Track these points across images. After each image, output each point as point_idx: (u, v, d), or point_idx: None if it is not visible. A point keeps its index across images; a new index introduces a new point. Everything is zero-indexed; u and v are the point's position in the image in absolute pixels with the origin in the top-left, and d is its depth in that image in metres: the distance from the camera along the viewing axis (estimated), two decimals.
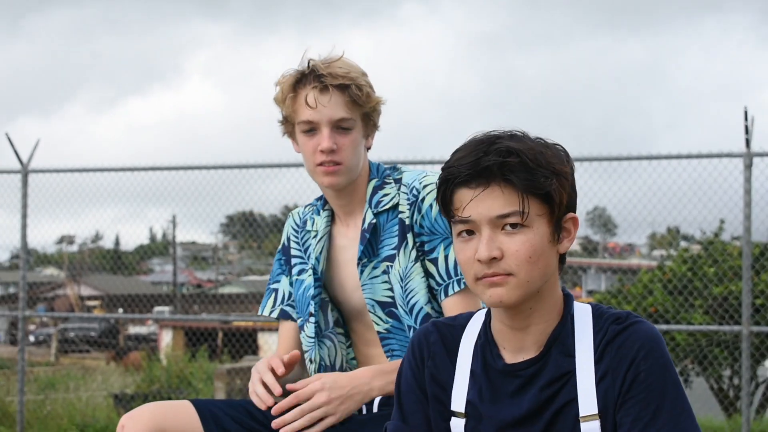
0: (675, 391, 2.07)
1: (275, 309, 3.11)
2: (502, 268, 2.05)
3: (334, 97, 2.88)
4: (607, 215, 29.80)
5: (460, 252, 2.10)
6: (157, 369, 14.28)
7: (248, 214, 13.64)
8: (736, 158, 8.76)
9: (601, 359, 2.09)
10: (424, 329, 2.30)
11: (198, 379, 13.43)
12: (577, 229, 2.16)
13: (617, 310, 2.16)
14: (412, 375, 2.27)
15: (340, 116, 2.88)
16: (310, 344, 3.00)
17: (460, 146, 2.12)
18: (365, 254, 2.95)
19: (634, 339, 2.08)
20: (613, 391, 2.07)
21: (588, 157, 9.20)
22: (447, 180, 2.09)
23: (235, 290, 31.11)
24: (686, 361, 11.80)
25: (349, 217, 3.02)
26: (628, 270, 17.62)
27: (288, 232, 3.14)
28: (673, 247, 12.98)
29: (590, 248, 24.23)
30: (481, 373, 2.18)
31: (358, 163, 2.94)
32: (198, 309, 29.26)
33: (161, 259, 46.62)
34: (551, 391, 2.11)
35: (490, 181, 2.04)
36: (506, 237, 2.04)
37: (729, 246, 11.30)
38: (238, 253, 40.17)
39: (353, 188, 2.97)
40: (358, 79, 2.91)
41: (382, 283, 2.93)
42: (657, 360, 2.07)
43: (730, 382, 11.81)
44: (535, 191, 2.04)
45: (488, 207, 2.04)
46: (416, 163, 9.24)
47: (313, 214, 3.09)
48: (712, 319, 10.78)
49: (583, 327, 2.14)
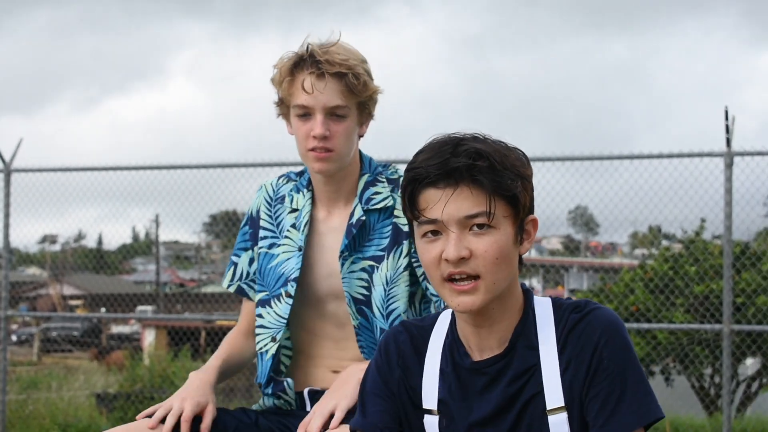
0: (637, 375, 2.09)
1: (233, 284, 3.13)
2: (471, 268, 2.06)
3: (330, 84, 2.87)
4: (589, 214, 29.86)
5: (426, 253, 2.10)
6: (140, 368, 14.24)
7: (231, 213, 13.64)
8: (716, 157, 8.80)
9: (564, 349, 2.12)
10: (394, 330, 2.31)
11: (181, 379, 13.39)
12: (536, 231, 2.19)
13: (576, 299, 2.18)
14: (380, 377, 2.27)
15: (334, 104, 2.88)
16: (279, 323, 2.97)
17: (424, 147, 2.12)
18: (348, 248, 2.94)
19: (595, 326, 2.10)
20: (578, 380, 2.09)
21: (569, 157, 9.22)
22: (414, 180, 2.09)
23: (218, 289, 31.03)
24: (668, 359, 11.84)
25: (333, 205, 3.02)
26: (610, 269, 17.65)
27: (258, 204, 3.12)
28: (654, 246, 13.01)
29: (572, 247, 24.28)
30: (451, 371, 2.20)
31: (349, 152, 2.94)
32: (181, 308, 29.16)
33: (144, 258, 46.53)
34: (518, 385, 2.13)
35: (458, 182, 2.05)
36: (474, 237, 2.06)
37: (710, 245, 11.34)
38: (221, 252, 40.11)
39: (342, 177, 2.98)
40: (356, 68, 2.90)
41: (358, 279, 2.93)
42: (618, 345, 2.09)
43: (711, 380, 11.85)
44: (502, 193, 2.06)
45: (457, 207, 2.05)
46: (397, 162, 9.24)
47: (293, 191, 3.07)
48: (693, 317, 10.82)
49: (544, 319, 2.16)
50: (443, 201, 2.05)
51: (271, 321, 3.00)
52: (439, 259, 2.07)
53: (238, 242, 3.15)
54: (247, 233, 3.13)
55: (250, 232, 3.12)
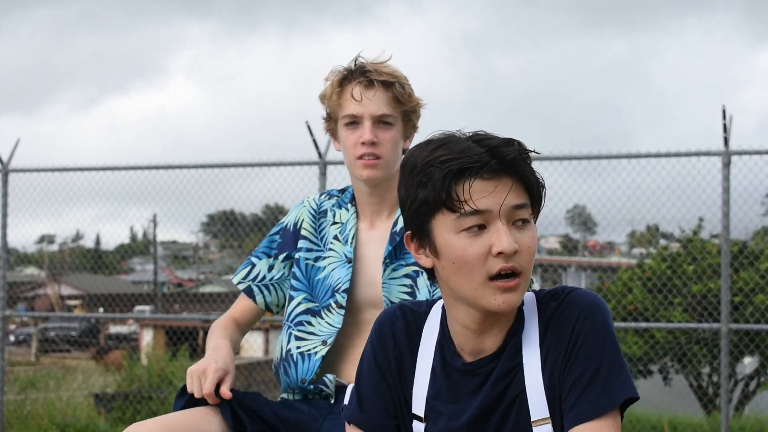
0: (612, 354, 2.02)
1: (244, 282, 3.16)
2: (518, 264, 1.99)
3: (378, 92, 2.99)
4: (587, 213, 29.92)
5: (469, 248, 1.99)
6: (137, 368, 14.23)
7: (229, 213, 13.62)
8: (714, 156, 8.80)
9: (545, 340, 2.06)
10: (391, 313, 2.23)
11: (179, 378, 13.39)
12: None
13: (554, 287, 2.14)
14: (375, 361, 2.21)
15: (383, 111, 2.99)
16: (331, 330, 3.01)
17: (436, 144, 2.04)
18: (390, 255, 2.99)
19: (572, 307, 2.05)
20: (557, 368, 2.04)
21: (568, 156, 9.23)
22: (460, 171, 1.98)
23: (216, 289, 31.07)
24: (666, 358, 11.85)
25: (375, 217, 3.09)
26: (608, 268, 17.66)
27: (301, 216, 3.16)
28: (652, 246, 13.03)
29: (570, 246, 24.28)
30: (441, 371, 2.14)
31: (396, 161, 3.02)
32: (179, 308, 29.19)
33: (142, 258, 46.52)
34: (502, 385, 2.08)
35: (506, 173, 1.99)
36: (518, 231, 2.00)
37: (708, 244, 11.34)
38: (218, 252, 40.15)
39: (387, 188, 3.04)
40: (402, 79, 3.02)
41: (400, 285, 2.98)
42: (593, 323, 2.03)
43: (709, 379, 11.86)
44: (538, 186, 2.03)
45: (507, 198, 1.98)
46: None
47: (335, 207, 3.14)
48: (692, 316, 10.83)
49: (529, 315, 2.11)
50: (497, 192, 1.98)
51: (321, 329, 3.04)
52: (486, 255, 1.98)
53: (262, 246, 3.20)
54: (276, 242, 3.17)
55: (280, 242, 3.16)
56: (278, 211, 13.83)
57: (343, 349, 3.05)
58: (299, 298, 3.09)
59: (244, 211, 13.02)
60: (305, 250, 3.11)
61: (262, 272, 3.15)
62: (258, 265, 3.17)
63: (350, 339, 3.05)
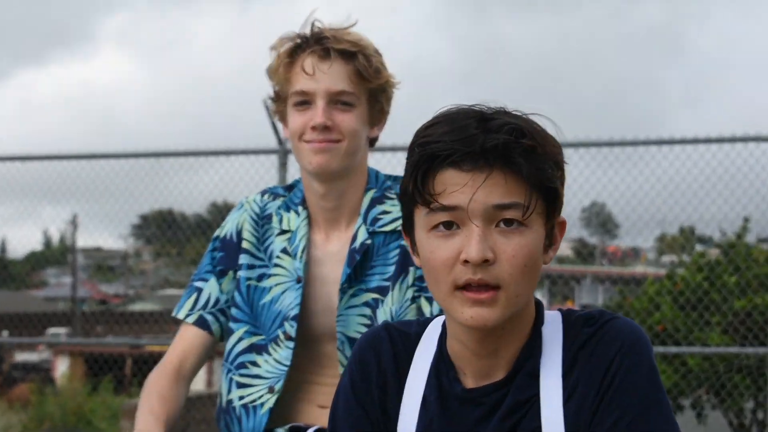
0: (659, 401, 2.04)
1: (193, 313, 3.08)
2: (492, 276, 1.98)
3: (336, 65, 2.91)
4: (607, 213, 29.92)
5: (436, 251, 2.01)
6: (49, 404, 14.19)
7: (166, 213, 13.60)
8: (764, 143, 8.86)
9: (571, 371, 2.07)
10: (374, 334, 2.24)
11: (100, 417, 13.38)
12: (563, 236, 2.14)
13: (590, 310, 2.14)
14: (354, 394, 2.21)
15: (340, 88, 2.91)
16: (279, 371, 2.99)
17: (437, 118, 2.04)
18: (349, 279, 2.95)
19: (610, 339, 2.06)
20: (585, 408, 2.04)
21: (585, 142, 9.26)
22: (432, 157, 1.99)
23: (149, 307, 31.00)
24: (700, 390, 11.90)
25: (331, 227, 3.04)
26: (631, 280, 17.72)
27: (239, 224, 3.11)
28: (686, 252, 13.08)
29: (585, 253, 24.31)
30: (435, 399, 2.14)
31: (356, 151, 2.95)
32: (102, 330, 29.09)
33: (58, 269, 46.23)
34: (513, 420, 2.08)
35: (492, 166, 1.97)
36: (501, 236, 1.98)
37: (754, 250, 11.40)
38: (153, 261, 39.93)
39: (343, 190, 2.99)
40: (368, 49, 2.94)
41: (359, 316, 2.95)
42: (637, 362, 2.04)
43: (753, 416, 11.93)
44: (543, 183, 2.01)
45: (486, 193, 1.97)
46: (377, 151, 9.28)
47: (281, 209, 3.08)
48: (733, 339, 10.89)
49: (552, 339, 2.11)
50: (470, 186, 1.97)
51: (269, 369, 3.00)
52: (454, 261, 1.99)
53: (203, 266, 3.14)
54: (218, 257, 3.11)
55: (222, 255, 3.11)
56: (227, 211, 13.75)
57: (299, 387, 3.04)
58: (240, 331, 3.05)
59: (185, 211, 13.00)
60: (246, 267, 3.06)
61: (213, 295, 3.09)
62: (205, 288, 3.10)
63: (306, 374, 3.04)
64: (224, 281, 3.09)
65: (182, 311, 3.09)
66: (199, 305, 3.08)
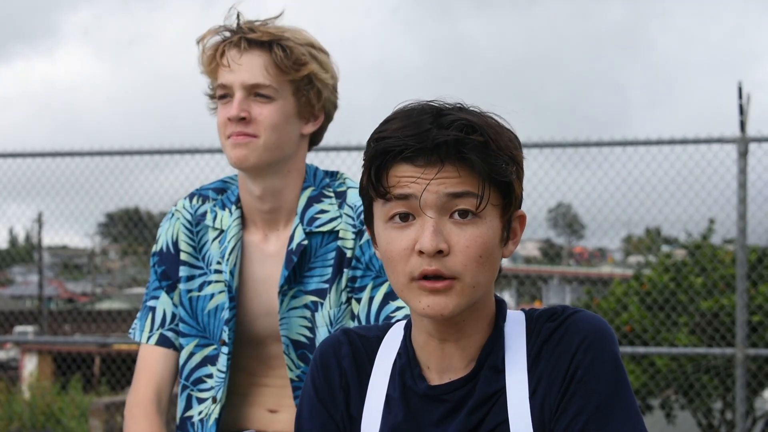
0: (621, 391, 2.05)
1: (153, 334, 3.04)
2: (447, 267, 2.01)
3: (251, 55, 2.86)
4: (573, 214, 30.04)
5: (392, 242, 2.04)
6: (17, 404, 14.11)
7: (132, 211, 13.55)
8: (728, 144, 8.87)
9: (536, 365, 2.09)
10: (334, 339, 2.25)
11: (69, 416, 13.31)
12: (523, 230, 2.16)
13: (553, 305, 2.16)
14: (318, 397, 2.23)
15: (255, 80, 2.86)
16: (219, 380, 2.95)
17: (394, 114, 2.07)
18: (288, 281, 2.92)
19: (573, 331, 2.08)
20: (549, 400, 2.06)
21: (550, 143, 9.26)
22: (385, 152, 2.02)
23: (116, 305, 30.94)
24: (668, 390, 11.92)
25: (270, 227, 2.99)
26: (598, 280, 17.77)
27: (174, 233, 3.06)
28: (652, 253, 13.10)
29: (552, 254, 24.38)
30: (399, 398, 2.16)
31: (280, 145, 2.89)
32: (70, 329, 29.02)
33: (24, 267, 46.16)
34: (480, 414, 2.10)
35: (443, 161, 2.00)
36: (455, 227, 2.01)
37: (720, 251, 11.42)
38: (119, 259, 39.90)
39: (280, 190, 2.94)
40: (288, 40, 2.87)
41: (300, 317, 2.92)
42: (599, 353, 2.06)
43: (721, 416, 11.95)
44: (496, 177, 2.02)
45: (438, 183, 1.99)
46: (342, 149, 9.24)
47: (217, 207, 3.03)
48: (700, 339, 10.90)
49: (515, 335, 2.13)
50: (423, 179, 2.00)
51: (213, 380, 2.98)
52: (410, 251, 2.02)
53: (150, 285, 3.08)
54: (160, 271, 3.06)
55: (165, 269, 3.05)
56: None
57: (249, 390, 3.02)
58: (191, 346, 3.01)
59: (152, 209, 12.97)
60: (185, 280, 3.01)
61: (168, 311, 3.04)
62: (158, 306, 3.05)
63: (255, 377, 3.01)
64: (174, 295, 3.05)
65: (143, 334, 3.05)
66: (157, 324, 3.04)
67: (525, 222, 2.15)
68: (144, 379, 3.01)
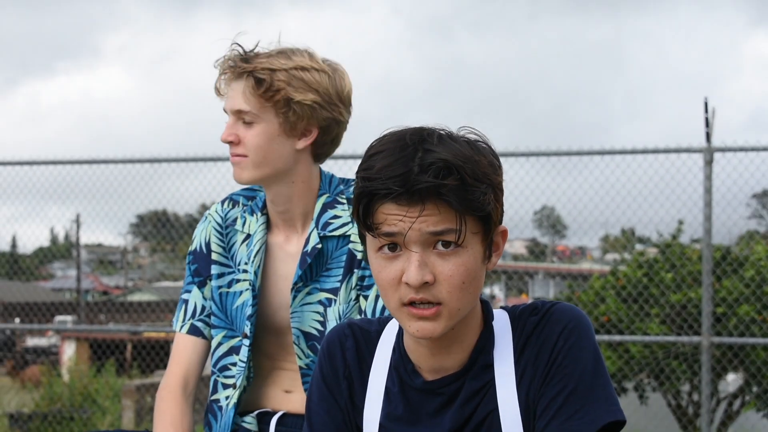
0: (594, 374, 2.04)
1: (185, 324, 3.06)
2: (433, 295, 1.99)
3: (235, 84, 2.91)
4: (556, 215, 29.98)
5: (382, 271, 2.02)
6: (58, 385, 14.10)
7: (161, 213, 13.53)
8: (695, 153, 8.86)
9: (522, 356, 2.08)
10: (340, 331, 2.24)
11: (104, 397, 13.31)
12: (505, 242, 2.13)
13: (533, 301, 2.15)
14: (325, 384, 2.22)
15: (238, 107, 2.90)
16: (240, 369, 2.98)
17: (379, 145, 2.03)
18: (302, 278, 2.93)
19: (554, 321, 2.07)
20: (534, 386, 2.06)
21: (536, 152, 9.25)
22: (371, 194, 1.99)
23: (146, 297, 30.92)
24: (641, 375, 11.90)
25: (290, 229, 3.01)
26: (579, 275, 17.74)
27: (207, 235, 3.08)
28: (627, 251, 13.09)
29: (537, 251, 24.36)
30: (398, 392, 2.15)
31: (272, 163, 2.91)
32: (104, 318, 29.02)
33: (63, 263, 46.11)
34: (472, 405, 2.09)
35: (424, 200, 1.96)
36: (439, 258, 1.99)
37: (688, 249, 11.41)
38: (149, 256, 39.91)
39: (289, 197, 2.96)
40: (263, 71, 2.87)
41: (314, 312, 2.93)
42: (576, 339, 2.05)
43: (689, 398, 11.93)
44: (473, 212, 1.98)
45: (421, 222, 1.96)
46: (348, 158, 9.24)
47: (246, 213, 3.05)
48: (670, 329, 10.89)
49: (502, 332, 2.12)
50: (407, 218, 1.96)
51: (236, 369, 3.01)
52: (398, 281, 2.00)
53: (185, 281, 3.12)
54: (193, 268, 3.09)
55: (197, 267, 3.08)
56: None
57: (270, 373, 3.04)
58: (219, 336, 3.03)
59: (178, 212, 12.95)
60: (216, 277, 3.04)
61: (199, 304, 3.06)
62: (190, 299, 3.07)
63: (276, 361, 3.03)
64: (205, 289, 3.07)
65: (177, 324, 3.09)
66: (188, 315, 3.07)
67: (507, 236, 2.12)
68: (174, 365, 3.03)
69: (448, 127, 2.07)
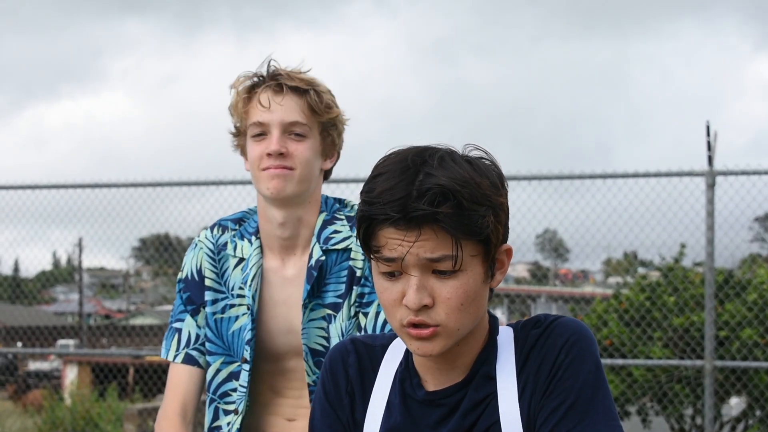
0: (595, 388, 2.04)
1: (179, 353, 3.03)
2: (431, 317, 2.00)
3: (288, 98, 2.89)
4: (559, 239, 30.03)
5: (384, 292, 2.04)
6: (60, 409, 14.09)
7: (163, 236, 13.53)
8: (697, 177, 8.86)
9: (524, 369, 2.09)
10: (342, 347, 2.25)
11: (106, 421, 13.28)
12: (510, 260, 2.13)
13: (536, 315, 2.15)
14: (328, 400, 2.23)
15: (293, 119, 2.88)
16: (240, 394, 2.96)
17: (382, 169, 2.04)
18: (309, 295, 2.92)
19: (557, 335, 2.07)
20: (535, 397, 2.05)
21: (538, 175, 9.25)
22: (371, 218, 2.01)
23: (148, 321, 30.93)
24: (644, 398, 11.87)
25: (287, 254, 2.99)
26: (581, 299, 17.73)
27: (198, 262, 3.05)
28: (629, 274, 13.07)
29: (540, 275, 24.37)
30: (399, 403, 2.15)
31: (310, 179, 2.92)
32: (107, 342, 29.00)
33: (66, 286, 46.15)
34: (473, 416, 2.09)
35: (421, 226, 1.97)
36: (438, 282, 2.00)
37: (690, 273, 11.40)
38: (151, 280, 39.93)
39: (300, 218, 2.95)
40: (319, 87, 2.92)
41: (318, 329, 2.92)
42: (579, 353, 2.05)
43: (692, 421, 11.90)
44: (471, 236, 1.99)
45: (418, 250, 1.97)
46: (351, 182, 9.24)
47: (236, 238, 3.03)
48: (673, 352, 10.87)
49: (505, 345, 2.13)
50: (405, 242, 1.97)
51: (237, 394, 2.99)
52: (399, 303, 2.01)
53: (176, 309, 3.08)
54: (185, 297, 3.06)
55: (190, 294, 3.05)
56: None
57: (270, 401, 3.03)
58: (217, 363, 3.01)
59: (180, 235, 12.96)
60: (210, 303, 3.02)
61: (193, 332, 3.04)
62: (184, 328, 3.05)
63: (276, 388, 3.02)
64: (199, 317, 3.04)
65: (170, 353, 3.05)
66: (183, 344, 3.04)
67: (511, 254, 2.12)
68: (171, 395, 3.01)
69: (452, 147, 2.07)
